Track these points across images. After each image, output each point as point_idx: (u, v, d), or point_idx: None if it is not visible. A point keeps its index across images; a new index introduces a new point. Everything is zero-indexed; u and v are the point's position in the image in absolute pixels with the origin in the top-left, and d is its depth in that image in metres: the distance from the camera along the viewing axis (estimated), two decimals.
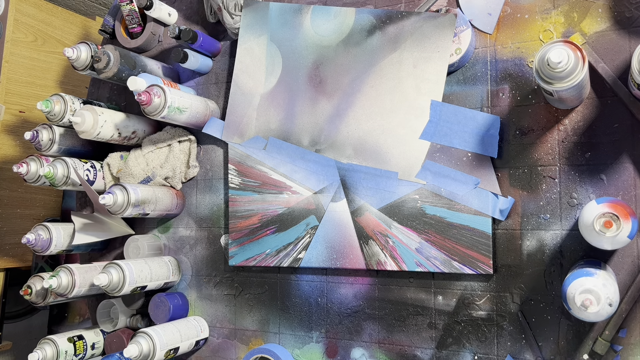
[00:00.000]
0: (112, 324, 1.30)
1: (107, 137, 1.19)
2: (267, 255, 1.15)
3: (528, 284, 0.99)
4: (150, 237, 1.29)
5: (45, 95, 1.57)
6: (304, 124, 1.15)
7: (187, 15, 1.31)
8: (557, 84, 0.84)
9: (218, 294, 1.24)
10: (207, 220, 1.26)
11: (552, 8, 0.99)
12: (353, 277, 1.12)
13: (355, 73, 1.11)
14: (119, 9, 1.32)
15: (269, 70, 1.18)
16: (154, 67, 1.24)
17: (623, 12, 0.94)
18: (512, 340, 0.99)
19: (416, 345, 1.06)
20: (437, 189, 1.03)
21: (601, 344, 0.92)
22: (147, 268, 1.17)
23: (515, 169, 1.00)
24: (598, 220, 0.81)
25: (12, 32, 1.49)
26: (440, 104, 1.04)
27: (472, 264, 1.00)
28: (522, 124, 1.00)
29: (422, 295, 1.07)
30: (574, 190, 0.96)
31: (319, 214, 1.12)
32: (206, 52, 1.24)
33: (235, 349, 1.22)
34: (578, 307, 0.80)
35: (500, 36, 1.03)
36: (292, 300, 1.17)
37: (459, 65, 1.04)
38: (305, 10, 1.15)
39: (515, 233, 1.00)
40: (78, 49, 1.17)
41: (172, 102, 1.10)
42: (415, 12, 1.07)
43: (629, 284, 0.92)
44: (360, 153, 1.10)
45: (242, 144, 1.19)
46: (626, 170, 0.93)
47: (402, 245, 1.05)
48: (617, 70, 0.94)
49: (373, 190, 1.08)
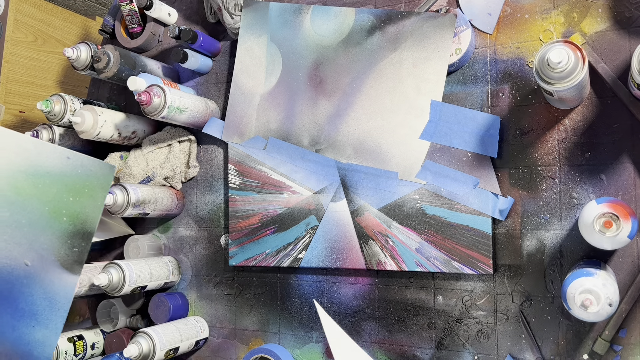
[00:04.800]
0: (112, 324, 1.30)
1: (107, 137, 1.19)
2: (267, 255, 1.15)
3: (528, 284, 0.99)
4: (150, 237, 1.29)
5: (45, 95, 1.57)
6: (304, 124, 1.15)
7: (187, 15, 1.31)
8: (557, 84, 0.84)
9: (218, 294, 1.24)
10: (207, 220, 1.26)
11: (552, 8, 0.99)
12: (353, 277, 1.12)
13: (355, 73, 1.11)
14: (119, 9, 1.32)
15: (269, 70, 1.18)
16: (154, 67, 1.24)
17: (623, 12, 0.94)
18: (512, 340, 0.99)
19: (416, 345, 1.06)
20: (437, 189, 1.03)
21: (601, 344, 0.92)
22: (147, 268, 1.17)
23: (515, 169, 1.00)
24: (598, 220, 0.81)
25: (12, 32, 1.49)
26: (440, 104, 1.04)
27: (472, 264, 1.00)
28: (522, 124, 1.00)
29: (422, 295, 1.07)
30: (574, 190, 0.96)
31: (319, 214, 1.12)
32: (206, 52, 1.24)
33: (235, 349, 1.22)
34: (578, 307, 0.80)
35: (500, 36, 1.03)
36: (292, 300, 1.17)
37: (459, 65, 1.04)
38: (305, 10, 1.15)
39: (515, 233, 1.00)
40: (78, 49, 1.17)
41: (172, 102, 1.10)
42: (415, 12, 1.07)
43: (629, 284, 0.92)
44: (360, 153, 1.10)
45: (242, 144, 1.19)
46: (626, 170, 0.93)
47: (402, 245, 1.05)
48: (617, 70, 0.94)
49: (373, 190, 1.08)
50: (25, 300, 0.79)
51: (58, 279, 0.83)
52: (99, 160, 0.83)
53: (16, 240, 0.77)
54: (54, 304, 0.82)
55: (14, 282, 0.78)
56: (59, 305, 0.83)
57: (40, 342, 0.81)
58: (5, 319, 0.78)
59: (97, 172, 0.83)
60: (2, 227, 0.76)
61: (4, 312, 0.78)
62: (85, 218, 0.84)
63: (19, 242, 0.77)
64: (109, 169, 0.81)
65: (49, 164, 0.80)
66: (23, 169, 0.78)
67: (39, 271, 0.80)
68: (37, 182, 0.79)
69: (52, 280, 0.82)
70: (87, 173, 0.82)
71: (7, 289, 0.77)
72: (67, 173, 0.82)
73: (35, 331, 0.81)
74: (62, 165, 0.81)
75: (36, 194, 0.79)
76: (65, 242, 0.83)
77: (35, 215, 0.80)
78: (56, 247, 0.82)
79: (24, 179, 0.78)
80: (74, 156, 0.80)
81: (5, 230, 0.76)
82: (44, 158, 0.80)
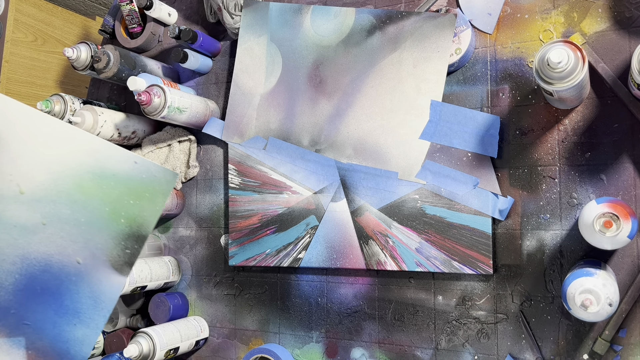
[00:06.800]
0: (112, 324, 1.30)
1: (107, 137, 1.19)
2: (267, 255, 1.15)
3: (528, 284, 0.99)
4: (150, 237, 1.29)
5: (45, 95, 1.57)
6: (304, 124, 1.15)
7: (187, 15, 1.31)
8: (557, 84, 0.84)
9: (218, 294, 1.24)
10: (207, 220, 1.26)
11: (552, 8, 0.99)
12: (353, 277, 1.12)
13: (355, 73, 1.11)
14: (119, 9, 1.32)
15: (269, 70, 1.18)
16: (154, 67, 1.24)
17: (623, 12, 0.94)
18: (512, 340, 0.99)
19: (416, 345, 1.06)
20: (437, 189, 1.03)
21: (601, 344, 0.92)
22: (147, 268, 1.17)
23: (515, 169, 1.00)
24: (598, 220, 0.81)
25: (12, 32, 1.49)
26: (440, 104, 1.04)
27: (472, 264, 1.00)
28: (522, 124, 1.00)
29: (422, 295, 1.07)
30: (574, 190, 0.96)
31: (319, 214, 1.12)
32: (206, 52, 1.24)
33: (235, 349, 1.22)
34: (578, 307, 0.80)
35: (500, 36, 1.03)
36: (292, 300, 1.17)
37: (459, 65, 1.04)
38: (305, 10, 1.15)
39: (515, 233, 1.00)
40: (78, 49, 1.17)
41: (172, 102, 1.10)
42: (415, 12, 1.07)
43: (629, 284, 0.92)
44: (360, 153, 1.10)
45: (242, 144, 1.19)
46: (626, 170, 0.93)
47: (402, 245, 1.05)
48: (617, 70, 0.94)
49: (373, 190, 1.08)
50: (72, 297, 0.80)
51: (106, 279, 0.83)
52: (163, 167, 0.85)
53: (73, 237, 0.78)
54: (98, 303, 0.83)
55: (63, 279, 0.79)
56: (103, 305, 0.83)
57: (80, 340, 0.82)
58: (49, 315, 0.79)
59: (160, 178, 0.84)
60: (62, 224, 0.77)
61: (48, 307, 0.79)
62: (142, 221, 0.85)
63: (75, 239, 0.78)
64: (173, 175, 0.83)
65: (117, 166, 0.82)
66: (91, 170, 0.80)
67: (90, 270, 0.81)
68: (102, 183, 0.81)
69: (100, 280, 0.83)
70: (150, 178, 0.83)
71: (55, 285, 0.78)
72: (132, 177, 0.83)
73: (76, 329, 0.82)
74: (129, 168, 0.83)
75: (99, 194, 0.80)
76: (119, 244, 0.84)
77: (95, 215, 0.81)
78: (110, 248, 0.83)
79: (90, 179, 0.80)
80: (142, 161, 0.82)
81: (64, 227, 0.77)
82: (113, 160, 0.82)
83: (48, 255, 0.79)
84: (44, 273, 0.78)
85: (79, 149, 0.78)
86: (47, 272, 0.78)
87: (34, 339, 0.79)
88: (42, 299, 0.79)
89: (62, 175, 0.78)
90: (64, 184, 0.78)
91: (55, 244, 0.78)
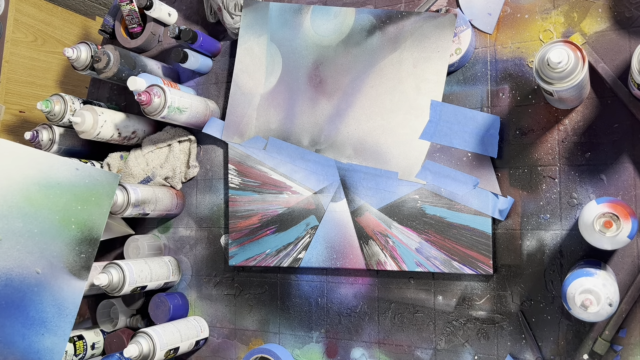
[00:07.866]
0: (112, 324, 1.30)
1: (107, 137, 1.19)
2: (267, 255, 1.15)
3: (528, 284, 0.99)
4: (150, 237, 1.29)
5: (45, 95, 1.57)
6: (304, 124, 1.15)
7: (187, 15, 1.31)
8: (557, 84, 0.84)
9: (218, 294, 1.24)
10: (207, 220, 1.26)
11: (552, 8, 0.99)
12: (353, 277, 1.12)
13: (355, 73, 1.11)
14: (119, 9, 1.32)
15: (269, 70, 1.18)
16: (154, 67, 1.24)
17: (623, 12, 0.94)
18: (512, 340, 0.99)
19: (416, 345, 1.06)
20: (437, 189, 1.03)
21: (601, 344, 0.92)
22: (147, 268, 1.17)
23: (515, 169, 1.00)
24: (598, 220, 0.81)
25: (12, 32, 1.49)
26: (440, 104, 1.04)
27: (472, 264, 1.00)
28: (522, 124, 1.00)
29: (422, 295, 1.07)
30: (574, 190, 0.96)
31: (319, 214, 1.12)
32: (206, 52, 1.24)
33: (235, 349, 1.22)
34: (578, 307, 0.80)
35: (500, 36, 1.03)
36: (292, 300, 1.17)
37: (459, 65, 1.04)
38: (305, 10, 1.15)
39: (515, 233, 1.00)
40: (78, 49, 1.17)
41: (172, 102, 1.10)
42: (415, 12, 1.07)
43: (629, 284, 0.92)
44: (360, 153, 1.10)
45: (242, 144, 1.19)
46: (626, 170, 0.93)
47: (402, 245, 1.05)
48: (617, 70, 0.94)
49: (373, 190, 1.08)
50: (36, 308, 0.81)
51: (67, 285, 0.84)
52: (104, 170, 0.86)
53: (29, 249, 0.79)
54: (62, 310, 0.84)
55: (25, 291, 0.80)
56: (67, 312, 0.84)
57: (49, 349, 0.82)
58: (17, 328, 0.80)
59: (102, 181, 0.85)
60: (16, 237, 0.78)
61: (15, 321, 0.79)
62: (92, 225, 0.86)
63: (31, 251, 0.79)
64: (114, 177, 0.84)
65: (60, 175, 0.83)
66: (36, 181, 0.81)
67: (49, 278, 0.82)
68: (49, 192, 0.82)
69: (60, 287, 0.83)
70: (94, 182, 0.84)
71: (19, 297, 0.79)
72: (75, 183, 0.84)
73: (45, 339, 0.83)
74: (72, 176, 0.84)
75: (47, 204, 0.82)
76: (73, 249, 0.85)
77: (46, 225, 0.82)
78: (65, 254, 0.84)
79: (36, 191, 0.81)
80: (82, 167, 0.83)
81: (19, 240, 0.78)
82: (55, 170, 0.83)
83: (8, 269, 0.80)
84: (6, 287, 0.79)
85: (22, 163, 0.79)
86: (9, 285, 0.79)
87: (6, 353, 0.79)
88: (8, 312, 0.79)
89: (9, 190, 0.78)
90: (13, 198, 0.79)
91: (13, 258, 0.79)
